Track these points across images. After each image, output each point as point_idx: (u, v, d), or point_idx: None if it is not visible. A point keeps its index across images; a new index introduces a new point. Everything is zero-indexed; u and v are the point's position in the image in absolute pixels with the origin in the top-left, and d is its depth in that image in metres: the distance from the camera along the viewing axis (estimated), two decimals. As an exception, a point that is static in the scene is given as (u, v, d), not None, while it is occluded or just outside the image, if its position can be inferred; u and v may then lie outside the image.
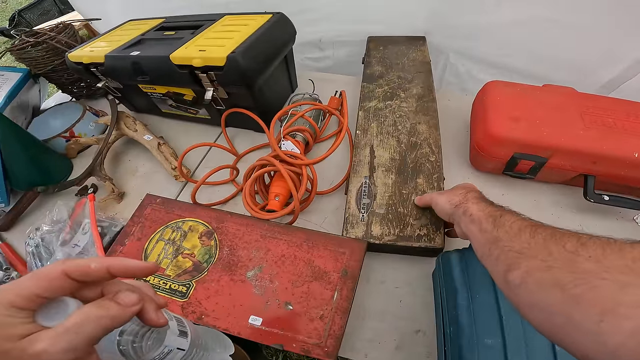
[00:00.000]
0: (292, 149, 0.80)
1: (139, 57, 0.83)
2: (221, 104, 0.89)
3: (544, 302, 0.35)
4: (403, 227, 0.68)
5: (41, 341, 0.27)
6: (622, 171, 0.66)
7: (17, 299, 0.27)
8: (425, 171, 0.74)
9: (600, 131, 0.66)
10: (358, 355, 0.64)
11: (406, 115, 0.84)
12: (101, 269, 0.30)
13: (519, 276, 0.38)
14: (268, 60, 0.83)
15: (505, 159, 0.72)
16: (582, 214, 0.74)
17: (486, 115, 0.73)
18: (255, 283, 0.66)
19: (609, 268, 0.31)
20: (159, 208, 0.79)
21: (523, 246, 0.40)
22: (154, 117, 1.10)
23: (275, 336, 0.60)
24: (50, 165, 0.98)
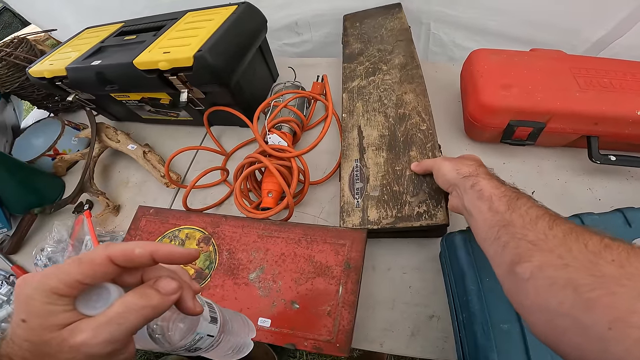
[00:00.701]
0: (279, 142, 0.75)
1: (101, 67, 0.77)
2: (199, 104, 0.83)
3: (552, 301, 0.32)
4: (400, 206, 0.61)
5: (82, 332, 0.25)
6: (627, 129, 0.62)
7: (60, 285, 0.25)
8: (418, 142, 0.68)
9: (598, 92, 0.62)
10: (373, 345, 0.61)
11: (391, 88, 0.77)
12: (145, 254, 0.28)
13: (529, 270, 0.34)
14: (240, 54, 0.77)
15: (501, 128, 0.68)
16: (590, 177, 0.70)
17: (476, 85, 0.68)
18: (259, 285, 0.63)
19: (632, 275, 0.28)
20: (153, 219, 0.75)
21: (539, 237, 0.36)
22: (137, 124, 1.05)
23: (286, 336, 0.58)
24: (41, 186, 0.95)
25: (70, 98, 0.87)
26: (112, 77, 0.78)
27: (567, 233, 0.34)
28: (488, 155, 0.75)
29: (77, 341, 0.25)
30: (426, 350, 0.58)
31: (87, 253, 0.27)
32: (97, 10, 1.16)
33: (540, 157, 0.73)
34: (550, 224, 0.36)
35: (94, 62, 0.77)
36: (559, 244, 0.34)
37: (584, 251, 0.31)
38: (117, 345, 0.26)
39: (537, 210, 0.39)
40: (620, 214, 0.55)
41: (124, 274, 0.29)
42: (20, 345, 0.25)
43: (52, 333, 0.25)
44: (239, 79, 0.78)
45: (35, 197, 0.91)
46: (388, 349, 0.60)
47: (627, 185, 0.68)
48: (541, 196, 0.67)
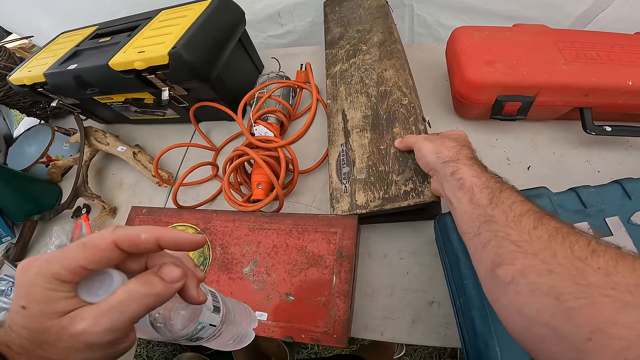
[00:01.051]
0: (266, 133, 0.72)
1: (78, 70, 0.74)
2: (183, 101, 0.80)
3: (532, 308, 0.29)
4: (387, 187, 0.57)
5: (83, 320, 0.23)
6: (620, 100, 0.59)
7: (62, 271, 0.24)
8: (400, 117, 0.63)
9: (584, 64, 0.60)
10: (373, 333, 0.58)
11: (371, 67, 0.73)
12: (151, 239, 0.26)
13: (510, 273, 0.31)
14: (217, 48, 0.73)
15: (490, 104, 0.64)
16: (587, 148, 0.66)
17: (460, 63, 0.65)
18: (253, 278, 0.61)
19: (617, 284, 0.26)
20: (146, 218, 0.73)
21: (523, 237, 0.33)
22: (126, 126, 1.01)
23: (283, 329, 0.56)
24: (38, 193, 0.93)
25: (54, 104, 0.84)
26: (90, 80, 0.75)
27: (553, 234, 0.31)
28: (480, 132, 0.71)
29: (77, 329, 0.23)
30: (428, 337, 0.56)
31: (92, 237, 0.25)
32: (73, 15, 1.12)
33: (534, 131, 0.69)
34: (535, 222, 0.33)
35: (70, 67, 0.74)
36: (544, 247, 0.31)
37: (570, 256, 0.29)
38: (119, 334, 0.25)
39: (521, 206, 0.35)
40: (618, 185, 0.52)
41: (127, 259, 0.27)
42: (18, 333, 0.24)
43: (52, 320, 0.23)
44: (220, 73, 0.74)
45: (34, 204, 0.90)
46: (389, 337, 0.57)
47: (626, 155, 0.64)
48: (537, 171, 0.66)
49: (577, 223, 0.49)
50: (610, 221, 0.49)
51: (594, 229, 0.49)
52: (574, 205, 0.51)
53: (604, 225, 0.49)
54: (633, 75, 0.57)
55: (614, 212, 0.50)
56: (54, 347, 0.24)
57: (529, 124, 0.70)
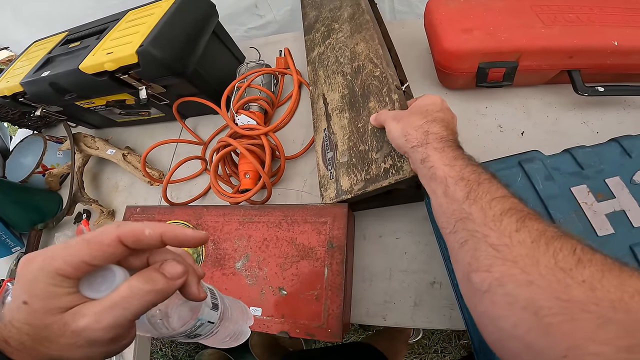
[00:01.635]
0: (248, 122, 0.67)
1: (52, 77, 0.69)
2: (163, 98, 0.75)
3: (508, 322, 0.26)
4: (368, 167, 0.51)
5: (85, 316, 0.22)
6: (608, 60, 0.55)
7: (65, 266, 0.22)
8: (374, 90, 0.56)
9: (564, 26, 0.55)
10: (375, 319, 0.54)
11: (344, 45, 0.66)
12: (155, 235, 0.25)
13: (487, 282, 0.27)
14: (189, 43, 0.68)
15: (473, 72, 0.59)
16: (582, 110, 0.60)
17: (437, 33, 0.61)
18: (246, 273, 0.57)
19: (600, 300, 0.22)
20: (141, 217, 0.70)
21: (503, 240, 0.28)
22: (115, 129, 0.97)
23: (278, 324, 0.52)
24: (39, 202, 0.91)
25: (38, 112, 0.79)
26: (65, 86, 0.71)
27: (536, 238, 0.27)
28: (468, 102, 0.65)
29: (80, 326, 0.22)
30: (433, 321, 0.52)
31: (96, 233, 0.24)
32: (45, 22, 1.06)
33: (524, 96, 0.63)
34: (517, 224, 0.28)
35: (43, 74, 0.70)
36: (525, 254, 0.26)
37: (553, 267, 0.25)
38: (120, 331, 0.24)
39: (502, 204, 0.30)
40: (616, 143, 0.47)
41: (130, 255, 0.25)
42: (19, 329, 0.22)
43: (54, 316, 0.22)
44: (196, 67, 0.69)
45: (36, 213, 0.88)
46: (392, 322, 0.53)
47: (625, 114, 0.58)
48: (532, 136, 0.59)
49: (575, 186, 0.45)
50: (610, 182, 0.44)
51: (593, 191, 0.44)
52: (570, 168, 0.46)
53: (605, 187, 0.44)
54: (618, 36, 0.53)
55: (614, 172, 0.45)
56: (55, 343, 0.23)
57: (518, 89, 0.64)
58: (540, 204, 0.44)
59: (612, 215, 0.43)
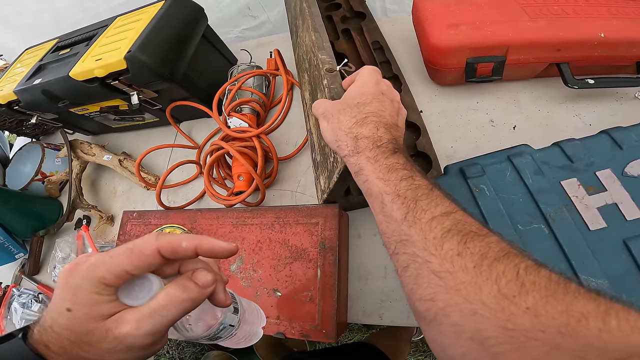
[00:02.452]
0: (240, 124, 0.66)
1: (43, 84, 0.69)
2: (155, 103, 0.74)
3: (456, 351, 0.25)
4: (327, 162, 0.47)
5: (126, 323, 0.23)
6: (595, 52, 0.54)
7: (108, 275, 0.23)
8: (317, 80, 0.50)
9: (550, 20, 0.55)
10: (372, 318, 0.54)
11: (302, 41, 0.63)
12: (190, 247, 0.26)
13: (432, 311, 0.26)
14: (177, 47, 0.67)
15: (461, 67, 0.59)
16: (574, 103, 0.59)
17: (424, 29, 0.60)
18: (241, 275, 0.57)
19: (547, 327, 0.21)
20: (137, 222, 0.69)
21: (445, 267, 0.26)
22: (111, 135, 0.96)
23: (274, 325, 0.52)
24: (39, 209, 0.90)
25: (33, 120, 0.79)
26: (58, 93, 0.70)
27: (478, 263, 0.25)
28: (459, 97, 0.64)
29: (122, 332, 0.23)
30: None
31: (137, 243, 0.25)
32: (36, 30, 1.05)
33: (515, 91, 0.62)
34: (459, 247, 0.26)
35: (35, 82, 0.69)
36: (468, 281, 0.25)
37: (496, 295, 0.24)
38: (157, 337, 0.25)
39: (442, 223, 0.28)
40: (606, 135, 0.46)
41: (166, 264, 0.27)
42: (59, 334, 0.23)
43: (97, 323, 0.23)
44: (186, 71, 0.68)
45: (37, 220, 0.88)
46: (388, 321, 0.53)
47: (618, 106, 0.57)
48: (524, 130, 0.58)
49: (565, 180, 0.44)
50: (601, 175, 0.44)
51: (584, 185, 0.44)
52: (560, 161, 0.46)
53: (595, 179, 0.43)
54: (604, 28, 0.53)
55: (604, 164, 0.44)
56: (95, 348, 0.23)
57: (508, 84, 0.63)
58: (530, 198, 0.44)
59: (604, 208, 0.42)
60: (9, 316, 0.81)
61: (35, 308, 0.80)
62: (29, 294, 0.84)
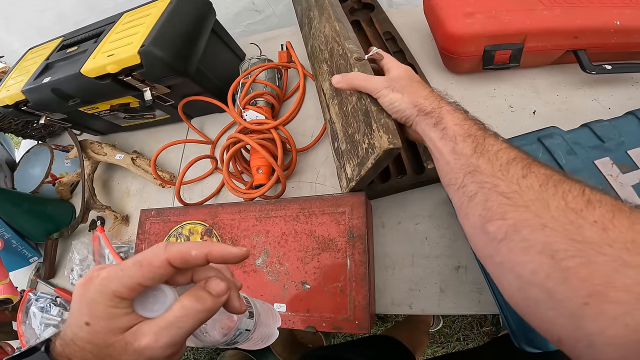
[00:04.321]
0: (256, 117, 0.64)
1: (53, 83, 0.66)
2: (168, 99, 0.72)
3: (526, 268, 0.25)
4: (357, 150, 0.47)
5: (145, 336, 0.23)
6: (612, 39, 0.53)
7: (121, 288, 0.23)
8: (342, 69, 0.51)
9: (565, 8, 0.54)
10: (401, 307, 0.52)
11: (318, 31, 0.63)
12: (200, 255, 0.25)
13: (502, 230, 0.26)
14: (189, 41, 0.65)
15: (479, 55, 0.58)
16: (592, 88, 0.58)
17: (439, 18, 0.59)
18: (267, 269, 0.55)
19: (614, 241, 0.21)
20: (156, 220, 0.67)
21: (512, 188, 0.27)
22: (120, 134, 0.93)
23: (304, 319, 0.50)
24: (52, 212, 0.88)
25: (42, 120, 0.76)
26: (68, 91, 0.67)
27: (544, 183, 0.26)
28: (476, 85, 0.63)
29: (142, 345, 0.23)
30: (461, 306, 0.49)
31: (146, 255, 0.24)
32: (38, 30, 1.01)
33: (532, 77, 0.61)
34: (524, 170, 0.28)
35: (44, 80, 0.67)
36: (535, 198, 0.26)
37: (564, 208, 0.24)
38: (176, 348, 0.25)
39: (507, 153, 0.30)
40: (633, 116, 0.45)
41: (178, 274, 0.26)
42: (82, 347, 0.23)
43: (116, 336, 0.23)
44: (199, 65, 0.66)
45: (50, 223, 0.85)
46: (419, 310, 0.51)
47: (634, 90, 0.56)
48: (544, 114, 0.57)
49: (598, 159, 0.43)
50: (633, 153, 0.43)
51: (617, 163, 0.42)
52: (591, 142, 0.45)
53: (628, 158, 0.43)
54: (619, 16, 0.52)
55: (634, 143, 0.43)
56: None
57: (525, 70, 0.61)
58: (565, 178, 0.42)
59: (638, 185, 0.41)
60: (28, 321, 0.78)
61: (54, 312, 0.78)
62: (46, 297, 0.82)
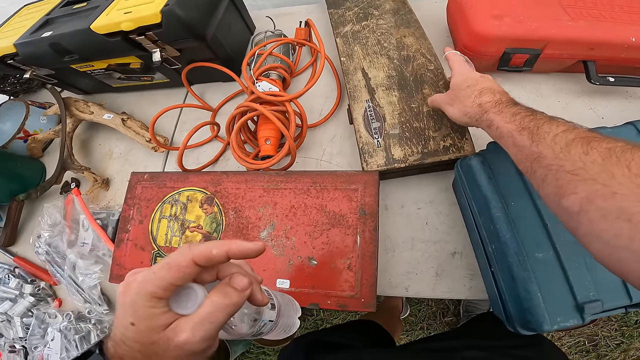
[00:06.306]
0: (270, 88, 0.66)
1: (54, 37, 0.65)
2: (175, 62, 0.72)
3: (609, 233, 0.28)
4: (425, 142, 0.56)
5: (183, 331, 0.26)
6: (623, 54, 0.60)
7: (156, 289, 0.26)
8: (429, 80, 0.62)
9: (589, 22, 0.60)
10: (397, 290, 0.55)
11: (388, 32, 0.70)
12: (221, 254, 0.28)
13: (577, 203, 0.30)
14: (211, 5, 0.66)
15: (497, 56, 0.63)
16: (590, 97, 0.65)
17: (467, 16, 0.63)
18: (272, 243, 0.56)
19: None
20: (149, 184, 0.66)
21: (577, 165, 0.31)
22: (108, 95, 0.91)
23: (308, 296, 0.52)
24: (20, 170, 0.84)
25: (27, 75, 0.74)
26: (69, 47, 0.66)
27: (606, 156, 0.29)
28: (486, 83, 0.68)
29: (181, 340, 0.25)
30: (453, 291, 0.54)
31: (173, 258, 0.27)
32: None
33: (538, 82, 0.67)
34: (585, 148, 0.31)
35: (44, 34, 0.65)
36: (601, 170, 0.29)
37: (628, 174, 0.27)
38: (211, 341, 0.27)
39: (566, 135, 0.33)
40: (632, 126, 0.51)
41: (203, 272, 0.29)
42: (131, 347, 0.26)
43: (159, 334, 0.26)
44: (215, 32, 0.67)
45: (17, 182, 0.80)
46: (414, 293, 0.55)
47: (627, 103, 0.63)
48: (544, 118, 0.64)
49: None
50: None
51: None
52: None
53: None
54: (636, 33, 0.58)
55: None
56: (163, 357, 0.26)
57: (533, 75, 0.68)
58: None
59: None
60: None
61: (12, 284, 0.75)
62: (3, 268, 0.78)
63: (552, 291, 0.41)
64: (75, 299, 0.68)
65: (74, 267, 0.69)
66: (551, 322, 0.40)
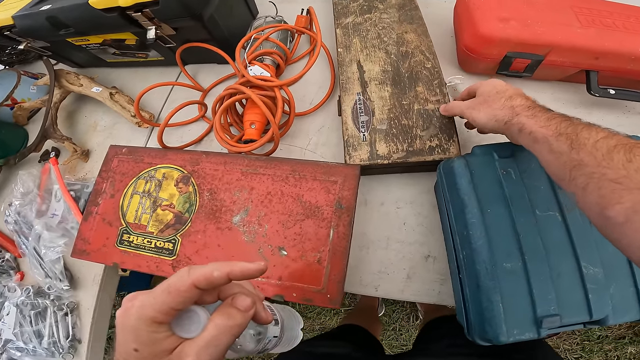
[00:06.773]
0: (261, 73, 0.65)
1: (52, 10, 0.65)
2: (170, 41, 0.71)
3: None
4: (411, 140, 0.55)
5: (188, 356, 0.25)
6: (628, 65, 0.58)
7: (156, 314, 0.25)
8: (424, 78, 0.62)
9: (600, 30, 0.58)
10: (367, 289, 0.54)
11: (390, 26, 0.69)
12: (222, 276, 0.27)
13: (622, 213, 0.29)
14: None
15: (498, 59, 0.62)
16: (587, 110, 0.63)
17: (472, 17, 0.62)
18: (244, 229, 0.54)
19: None
20: (127, 159, 0.65)
21: (620, 174, 0.30)
22: (101, 69, 0.90)
23: (274, 287, 0.50)
24: (2, 136, 0.83)
25: (21, 46, 0.74)
26: (65, 20, 0.66)
27: None
28: (483, 87, 0.67)
29: None
30: (421, 295, 0.53)
31: (172, 282, 0.26)
32: None
33: (537, 89, 0.66)
34: (627, 155, 0.30)
35: (43, 7, 0.65)
36: None
37: None
38: None
39: (607, 142, 0.32)
40: (632, 140, 0.50)
41: (204, 294, 0.28)
42: None
43: (163, 359, 0.25)
44: (213, 12, 0.66)
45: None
46: (383, 293, 0.54)
47: (624, 118, 0.62)
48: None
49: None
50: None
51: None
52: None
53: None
54: None
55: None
56: None
57: (532, 82, 0.66)
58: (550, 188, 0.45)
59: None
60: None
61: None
62: None
63: (513, 302, 0.40)
64: (37, 272, 0.66)
65: (39, 239, 0.67)
66: (508, 334, 0.39)
